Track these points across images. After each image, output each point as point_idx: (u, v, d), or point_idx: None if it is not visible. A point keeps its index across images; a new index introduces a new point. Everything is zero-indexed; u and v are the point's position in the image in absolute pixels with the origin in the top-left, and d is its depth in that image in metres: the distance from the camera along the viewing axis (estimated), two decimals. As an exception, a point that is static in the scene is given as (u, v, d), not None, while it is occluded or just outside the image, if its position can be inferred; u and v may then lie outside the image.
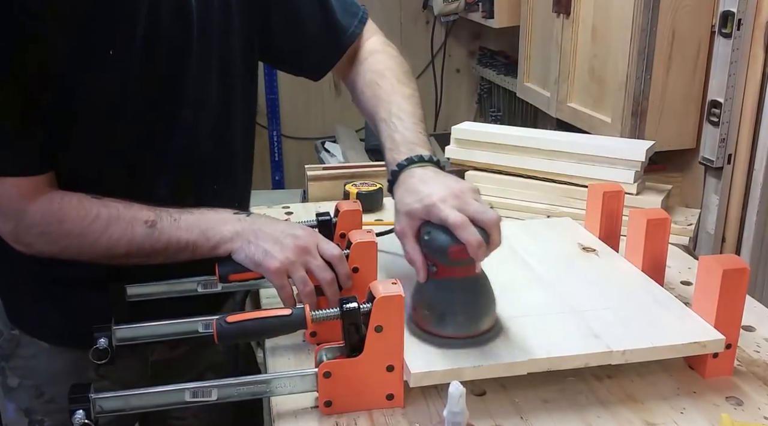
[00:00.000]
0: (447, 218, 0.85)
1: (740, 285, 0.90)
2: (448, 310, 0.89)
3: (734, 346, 0.92)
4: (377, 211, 1.45)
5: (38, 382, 1.09)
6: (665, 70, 1.76)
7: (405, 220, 0.91)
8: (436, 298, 0.90)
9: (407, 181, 0.94)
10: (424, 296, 0.91)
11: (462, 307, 0.90)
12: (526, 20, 2.34)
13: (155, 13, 0.96)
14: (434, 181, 0.92)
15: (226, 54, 1.06)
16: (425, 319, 0.90)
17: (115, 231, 0.94)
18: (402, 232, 0.91)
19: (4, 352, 1.12)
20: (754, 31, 1.57)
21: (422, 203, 0.89)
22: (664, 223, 1.07)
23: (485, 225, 0.87)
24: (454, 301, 0.90)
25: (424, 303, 0.91)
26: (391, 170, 0.98)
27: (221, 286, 1.01)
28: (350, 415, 0.85)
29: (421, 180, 0.93)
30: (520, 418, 0.85)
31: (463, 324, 0.89)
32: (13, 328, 1.11)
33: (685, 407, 0.87)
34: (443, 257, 0.87)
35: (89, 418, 0.79)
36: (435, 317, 0.89)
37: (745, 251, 1.66)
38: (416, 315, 0.91)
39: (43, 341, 1.08)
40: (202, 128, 1.05)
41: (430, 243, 0.88)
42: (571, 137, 1.55)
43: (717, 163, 1.66)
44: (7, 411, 1.13)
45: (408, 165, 0.97)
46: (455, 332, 0.89)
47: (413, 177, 0.94)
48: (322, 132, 3.08)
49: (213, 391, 0.82)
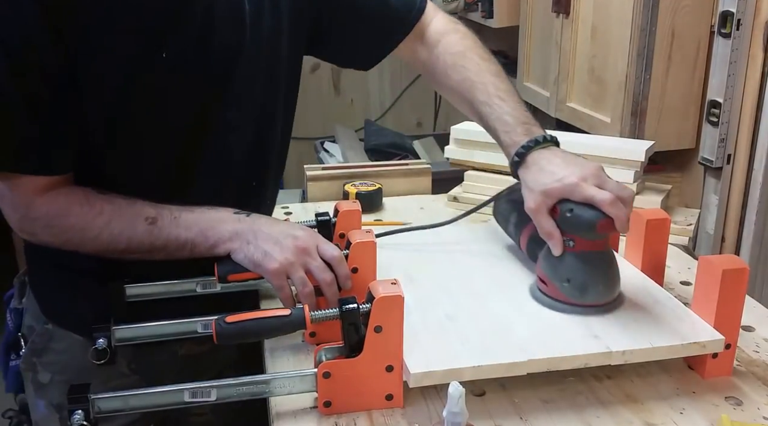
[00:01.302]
0: (594, 196, 0.92)
1: (740, 285, 0.90)
2: (589, 280, 0.96)
3: (734, 346, 0.92)
4: (376, 211, 1.45)
5: (70, 376, 1.09)
6: (665, 70, 1.76)
7: (541, 198, 0.96)
8: (577, 270, 0.96)
9: (538, 161, 0.99)
10: (562, 269, 0.97)
11: (602, 277, 0.97)
12: (525, 20, 2.34)
13: (209, 15, 0.97)
14: (566, 162, 0.97)
15: (273, 57, 1.08)
16: (565, 290, 0.96)
17: (117, 227, 0.96)
18: (537, 209, 0.96)
19: (36, 348, 1.13)
20: (753, 31, 1.57)
21: (562, 183, 0.94)
22: (664, 223, 1.07)
23: (624, 201, 0.92)
24: (595, 272, 0.96)
25: (562, 275, 0.96)
26: (517, 151, 1.01)
27: (220, 286, 1.01)
28: (349, 416, 0.85)
29: (552, 161, 0.98)
30: (520, 419, 0.85)
31: (603, 292, 0.97)
32: (47, 322, 1.12)
33: (685, 407, 0.87)
34: (589, 231, 0.94)
35: (88, 419, 0.79)
36: (577, 288, 0.96)
37: (745, 251, 1.66)
38: (550, 288, 0.98)
39: (77, 334, 1.09)
40: (247, 130, 1.06)
41: (574, 219, 0.94)
42: (570, 137, 1.54)
43: (716, 163, 1.66)
44: (37, 408, 1.14)
45: (534, 146, 1.00)
46: (596, 300, 0.96)
47: (543, 158, 0.99)
48: (321, 132, 3.08)
49: (212, 392, 0.82)
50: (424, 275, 1.07)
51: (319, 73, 3.18)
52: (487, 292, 1.03)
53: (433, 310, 0.97)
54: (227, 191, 1.07)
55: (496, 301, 1.00)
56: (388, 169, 1.58)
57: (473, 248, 1.18)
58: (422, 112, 3.22)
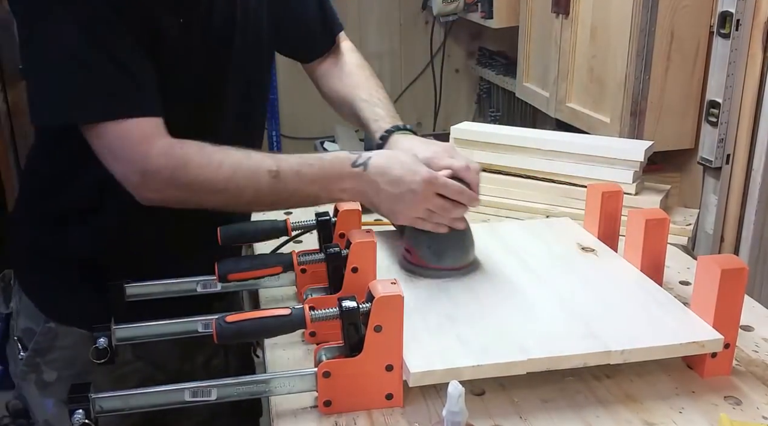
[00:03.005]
0: (451, 165, 1.04)
1: (739, 285, 0.90)
2: (444, 246, 1.06)
3: (733, 345, 0.92)
4: (376, 211, 1.45)
5: (78, 371, 1.10)
6: (664, 70, 1.76)
7: None
8: (433, 237, 1.05)
9: (399, 143, 1.11)
10: (421, 238, 1.06)
11: (457, 243, 1.07)
12: (525, 20, 2.34)
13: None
14: (422, 143, 1.11)
15: (257, 28, 1.15)
16: (425, 257, 1.06)
17: (241, 179, 0.97)
18: None
19: (39, 348, 1.13)
20: (752, 32, 1.57)
21: (419, 157, 1.04)
22: (663, 223, 1.07)
23: (475, 169, 1.06)
24: (450, 239, 1.06)
25: (422, 244, 1.07)
26: (381, 135, 1.15)
27: (221, 285, 1.02)
28: (349, 415, 0.85)
29: (411, 142, 1.11)
30: (519, 418, 0.85)
31: (459, 257, 1.08)
32: (48, 321, 1.12)
33: (684, 407, 0.87)
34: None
35: (89, 418, 0.80)
36: (434, 253, 1.06)
37: (744, 251, 1.66)
38: (413, 256, 1.08)
39: (82, 329, 1.09)
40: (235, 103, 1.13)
41: None
42: (570, 137, 1.55)
43: (715, 163, 1.67)
44: (46, 408, 1.14)
45: (395, 131, 1.14)
46: (453, 264, 1.07)
47: (403, 139, 1.12)
48: (321, 132, 3.07)
49: (212, 391, 0.82)
50: (425, 275, 1.07)
51: (319, 74, 3.18)
52: (486, 292, 1.03)
53: (433, 309, 0.97)
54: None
55: (495, 301, 1.00)
56: (387, 169, 1.58)
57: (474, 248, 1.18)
58: (422, 112, 3.21)
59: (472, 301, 1.00)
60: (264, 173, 0.98)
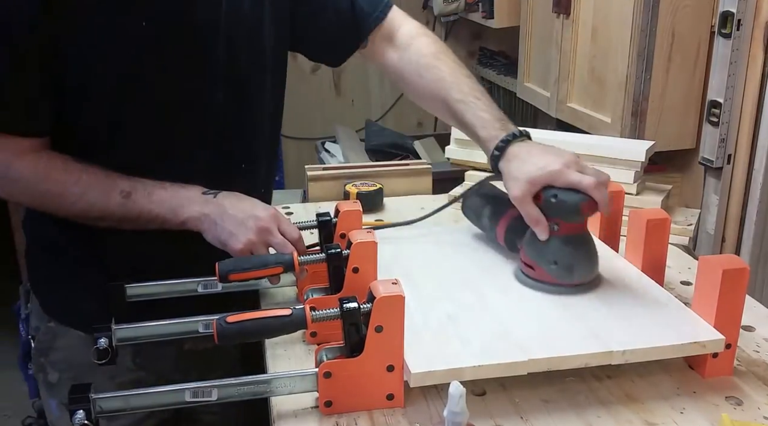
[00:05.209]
0: (580, 181, 0.97)
1: (740, 285, 0.90)
2: (575, 261, 1.01)
3: (734, 345, 0.92)
4: (377, 211, 1.45)
5: (76, 373, 1.10)
6: (665, 71, 1.76)
7: (526, 186, 0.99)
8: (563, 252, 1.01)
9: (519, 153, 1.03)
10: (548, 252, 1.01)
11: (586, 257, 1.02)
12: (526, 20, 2.34)
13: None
14: (545, 152, 1.02)
15: (257, 44, 1.12)
16: (553, 272, 1.01)
17: (92, 196, 1.02)
18: (523, 197, 1.00)
19: (42, 347, 1.13)
20: (753, 32, 1.57)
21: (546, 170, 0.98)
22: (664, 223, 1.07)
23: (603, 184, 0.99)
24: (579, 253, 1.02)
25: (549, 258, 1.01)
26: (497, 145, 1.06)
27: (221, 286, 1.01)
28: (350, 415, 0.85)
29: (532, 152, 1.03)
30: (520, 418, 0.85)
31: (588, 271, 1.02)
32: (49, 320, 1.12)
33: (685, 407, 0.87)
34: (574, 214, 0.99)
35: (89, 419, 0.79)
36: (563, 269, 1.01)
37: (745, 251, 1.66)
38: (538, 272, 1.02)
39: (78, 331, 1.09)
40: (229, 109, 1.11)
41: (559, 203, 0.98)
42: (571, 137, 1.55)
43: (717, 163, 1.67)
44: (50, 408, 1.14)
45: (513, 139, 1.05)
46: (582, 279, 1.02)
47: (523, 150, 1.03)
48: (322, 132, 3.08)
49: (213, 391, 0.82)
50: (425, 275, 1.08)
51: (319, 74, 3.18)
52: (488, 292, 1.03)
53: (434, 309, 0.97)
54: (214, 170, 1.11)
55: (497, 301, 1.00)
56: (388, 169, 1.58)
57: (474, 248, 1.18)
58: (423, 112, 3.20)
59: (473, 302, 1.00)
60: (116, 193, 1.02)
